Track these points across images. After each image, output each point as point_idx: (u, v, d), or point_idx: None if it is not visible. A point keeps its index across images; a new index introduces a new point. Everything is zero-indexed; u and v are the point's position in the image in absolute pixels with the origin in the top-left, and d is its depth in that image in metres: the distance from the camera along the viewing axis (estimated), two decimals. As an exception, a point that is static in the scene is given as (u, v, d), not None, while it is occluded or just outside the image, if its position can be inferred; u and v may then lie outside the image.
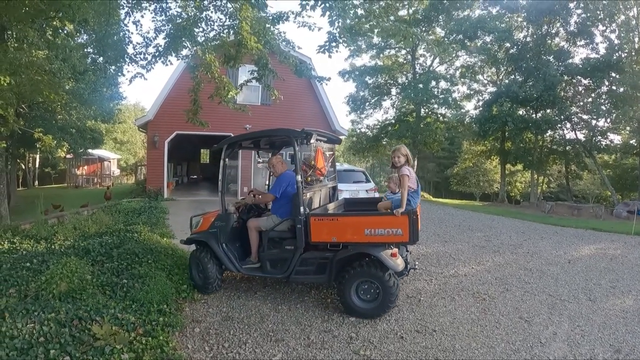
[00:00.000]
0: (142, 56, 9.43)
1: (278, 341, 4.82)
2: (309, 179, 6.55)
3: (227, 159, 6.73)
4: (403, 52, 31.86)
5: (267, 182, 7.89)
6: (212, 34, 9.56)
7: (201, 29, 9.31)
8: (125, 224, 10.72)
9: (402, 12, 30.48)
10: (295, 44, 9.61)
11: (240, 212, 6.77)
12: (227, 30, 9.34)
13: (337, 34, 7.42)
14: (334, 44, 7.73)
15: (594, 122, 27.22)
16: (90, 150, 29.36)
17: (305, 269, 5.84)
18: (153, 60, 9.38)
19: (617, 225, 15.62)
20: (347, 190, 12.05)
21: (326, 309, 5.84)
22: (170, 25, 8.93)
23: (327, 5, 6.74)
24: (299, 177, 5.72)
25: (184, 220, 12.03)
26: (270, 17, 9.09)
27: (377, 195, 12.54)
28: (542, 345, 4.94)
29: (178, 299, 5.87)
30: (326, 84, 13.04)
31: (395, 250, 5.62)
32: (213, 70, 9.81)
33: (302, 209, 5.67)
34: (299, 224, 5.68)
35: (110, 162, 40.17)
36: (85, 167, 36.96)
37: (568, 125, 27.96)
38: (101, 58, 9.83)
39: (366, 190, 12.60)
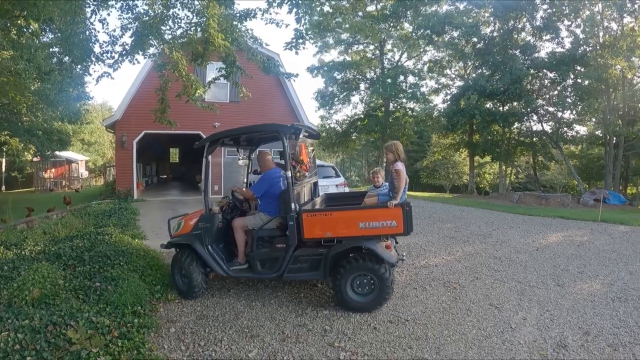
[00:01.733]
0: (108, 55, 9.26)
1: (253, 337, 4.85)
2: (298, 174, 6.46)
3: (209, 157, 6.55)
4: (371, 47, 31.99)
5: (245, 180, 7.71)
6: (179, 32, 9.46)
7: (168, 27, 9.20)
8: (95, 226, 10.56)
9: (371, 8, 30.63)
10: (262, 41, 9.60)
11: (223, 211, 6.52)
12: (194, 28, 9.25)
13: (304, 31, 7.44)
14: (300, 40, 7.76)
15: (559, 114, 28.09)
16: (57, 153, 28.75)
17: (298, 267, 5.73)
18: (120, 59, 9.21)
19: (584, 213, 16.06)
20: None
21: (299, 304, 5.90)
22: (137, 23, 8.79)
23: (294, 2, 6.75)
24: (289, 173, 5.60)
25: (155, 221, 11.95)
26: (238, 15, 9.03)
27: (347, 189, 12.60)
28: (512, 330, 5.08)
29: (152, 300, 5.84)
30: (294, 81, 12.92)
31: (390, 242, 5.76)
32: (180, 69, 9.70)
33: (293, 205, 5.59)
34: (291, 221, 5.58)
35: (78, 164, 39.21)
36: (53, 170, 36.04)
37: (535, 117, 28.75)
38: (67, 57, 9.56)
39: (336, 185, 12.63)
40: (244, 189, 6.79)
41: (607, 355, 4.55)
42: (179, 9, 9.00)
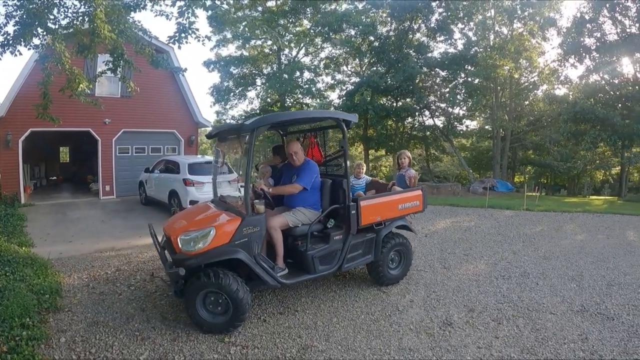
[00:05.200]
0: (-10, 46, 8.46)
1: (144, 340, 4.70)
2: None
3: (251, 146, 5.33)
4: (269, 42, 31.93)
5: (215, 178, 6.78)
6: (65, 22, 8.87)
7: (52, 16, 8.58)
8: (-21, 236, 9.67)
9: (271, 3, 30.66)
10: (152, 33, 9.25)
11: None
12: (81, 18, 8.72)
13: (187, 25, 7.30)
14: (183, 34, 7.60)
15: (450, 109, 29.86)
16: None
17: (354, 255, 5.84)
18: (1, 50, 8.48)
19: (473, 201, 17.24)
20: (209, 183, 11.91)
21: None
22: (23, 11, 8.09)
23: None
24: (348, 163, 5.76)
25: (44, 227, 11.19)
26: (128, 5, 8.63)
27: (241, 185, 12.46)
28: (400, 313, 5.35)
29: (41, 310, 5.44)
30: (182, 75, 12.59)
31: (411, 219, 6.85)
32: (64, 61, 9.09)
33: (351, 194, 5.76)
34: (353, 210, 5.64)
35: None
36: None
37: (427, 112, 30.49)
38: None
39: (229, 181, 12.46)
40: (285, 186, 5.77)
41: (491, 329, 4.92)
42: (66, -3, 8.45)
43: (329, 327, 4.95)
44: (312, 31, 30.33)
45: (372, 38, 29.89)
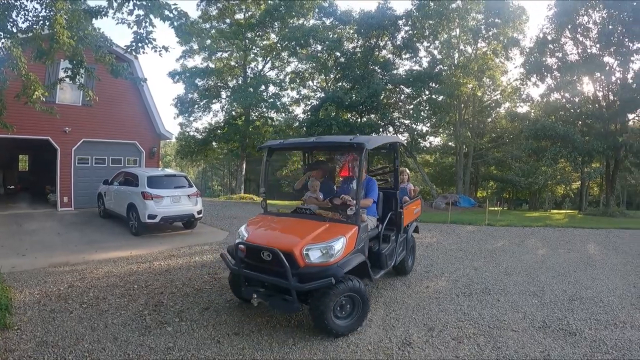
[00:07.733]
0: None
1: (93, 361, 4.49)
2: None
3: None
4: (235, 55, 32.00)
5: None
6: (24, 25, 8.58)
7: (12, 19, 8.28)
8: None
9: (239, 16, 30.65)
10: (113, 42, 9.04)
11: None
12: (41, 22, 8.44)
13: (144, 34, 7.19)
14: (140, 44, 7.48)
15: (414, 126, 30.21)
16: None
17: (400, 251, 7.14)
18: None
19: (436, 216, 17.39)
20: (168, 197, 11.75)
21: (143, 322, 5.58)
22: None
23: (137, 3, 6.47)
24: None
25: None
26: (88, 10, 8.39)
27: (199, 199, 12.44)
28: (357, 333, 5.25)
29: None
30: (145, 85, 12.18)
31: None
32: (20, 67, 8.76)
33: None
34: (402, 215, 6.96)
35: None
36: None
37: (391, 129, 30.69)
38: None
39: (188, 195, 12.23)
40: (363, 200, 6.05)
41: (451, 349, 4.88)
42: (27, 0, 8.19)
43: (285, 349, 4.81)
44: (279, 45, 30.53)
45: (338, 54, 30.21)
